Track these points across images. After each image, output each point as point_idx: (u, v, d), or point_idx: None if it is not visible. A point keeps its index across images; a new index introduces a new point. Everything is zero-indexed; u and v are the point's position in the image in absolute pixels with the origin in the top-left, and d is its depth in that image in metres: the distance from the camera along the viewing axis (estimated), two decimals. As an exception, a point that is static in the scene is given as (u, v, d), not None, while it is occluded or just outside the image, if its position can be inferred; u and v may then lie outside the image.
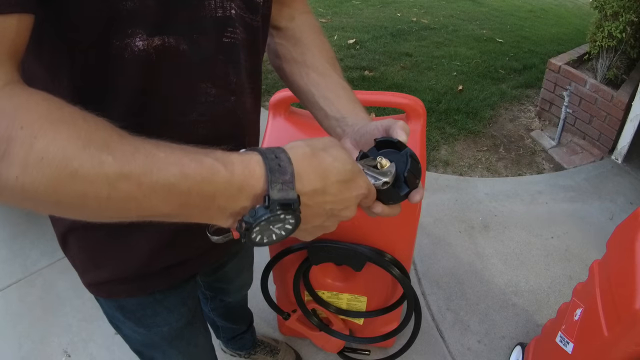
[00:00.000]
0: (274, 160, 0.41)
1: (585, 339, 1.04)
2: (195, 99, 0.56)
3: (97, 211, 0.35)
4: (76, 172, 0.32)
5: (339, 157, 0.45)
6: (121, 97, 0.51)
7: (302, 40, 0.71)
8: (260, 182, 0.40)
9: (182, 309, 0.82)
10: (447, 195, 2.35)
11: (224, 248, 0.84)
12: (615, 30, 2.55)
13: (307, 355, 1.57)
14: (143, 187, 0.34)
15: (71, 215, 0.37)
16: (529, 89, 3.44)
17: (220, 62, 0.56)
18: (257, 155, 0.42)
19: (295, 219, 0.42)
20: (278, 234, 0.44)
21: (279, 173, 0.40)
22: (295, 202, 0.41)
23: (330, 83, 0.67)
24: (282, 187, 0.40)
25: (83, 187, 0.33)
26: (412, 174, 0.53)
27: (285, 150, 0.43)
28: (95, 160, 0.33)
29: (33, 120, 0.32)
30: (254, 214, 0.40)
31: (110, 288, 0.72)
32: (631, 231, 0.95)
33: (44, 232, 2.00)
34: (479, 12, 5.39)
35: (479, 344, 1.62)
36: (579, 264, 1.95)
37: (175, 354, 0.88)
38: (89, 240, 0.67)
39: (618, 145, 2.62)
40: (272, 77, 3.42)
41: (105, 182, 0.33)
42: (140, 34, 0.47)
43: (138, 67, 0.49)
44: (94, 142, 0.33)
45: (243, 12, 0.57)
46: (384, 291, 1.27)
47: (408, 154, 0.53)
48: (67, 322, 1.67)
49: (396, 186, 0.53)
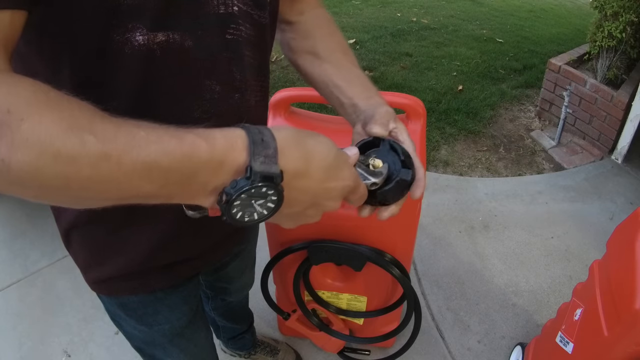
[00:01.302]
0: (257, 135, 0.41)
1: (585, 339, 1.04)
2: (199, 96, 0.56)
3: (79, 192, 0.35)
4: (59, 153, 0.32)
5: (324, 142, 0.45)
6: (122, 91, 0.51)
7: (314, 32, 0.71)
8: (243, 155, 0.40)
9: (184, 307, 0.82)
10: (447, 195, 2.35)
11: (226, 247, 0.84)
12: (615, 30, 2.55)
13: (307, 355, 1.57)
14: (124, 165, 0.34)
15: (55, 201, 0.37)
16: (529, 89, 3.44)
17: (224, 59, 0.56)
18: (240, 130, 0.41)
19: (278, 196, 0.42)
20: (259, 212, 0.42)
21: (262, 147, 0.40)
22: (278, 177, 0.40)
23: (342, 71, 0.67)
24: (264, 159, 0.40)
25: (65, 167, 0.33)
26: (401, 184, 0.52)
27: (269, 129, 0.42)
28: (77, 140, 0.33)
29: (19, 104, 0.33)
30: (235, 184, 0.40)
31: (112, 285, 0.72)
32: (631, 231, 0.95)
33: (44, 232, 2.00)
34: (479, 12, 5.39)
35: (479, 344, 1.62)
36: (579, 264, 1.95)
37: (176, 352, 0.88)
38: (91, 238, 0.67)
39: (618, 145, 2.62)
40: (272, 77, 3.42)
41: (87, 161, 0.33)
42: (141, 28, 0.47)
43: (139, 62, 0.49)
44: (77, 124, 0.34)
45: (250, 9, 0.57)
46: (384, 291, 1.27)
47: (397, 179, 0.52)
48: (67, 322, 1.67)
49: (386, 188, 0.52)
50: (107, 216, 0.62)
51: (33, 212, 2.09)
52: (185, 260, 0.74)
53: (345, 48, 0.71)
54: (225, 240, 0.80)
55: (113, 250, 0.67)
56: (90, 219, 0.64)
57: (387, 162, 0.54)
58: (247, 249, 1.05)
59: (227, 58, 0.57)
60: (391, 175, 0.53)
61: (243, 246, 1.01)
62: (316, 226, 1.11)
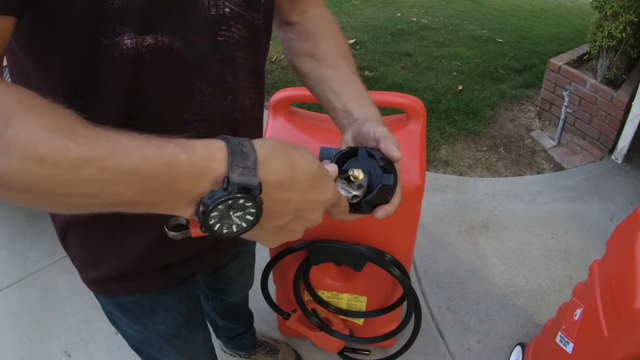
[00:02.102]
0: (237, 146, 0.41)
1: (585, 339, 1.04)
2: (190, 98, 0.56)
3: (63, 198, 0.36)
4: (42, 158, 0.34)
5: (306, 155, 0.45)
6: (113, 95, 0.51)
7: (314, 33, 0.70)
8: (222, 166, 0.40)
9: (180, 308, 0.82)
10: (447, 195, 2.35)
11: (224, 249, 0.84)
12: (615, 30, 2.55)
13: (307, 355, 1.57)
14: (105, 171, 0.35)
15: (44, 206, 0.38)
16: (529, 89, 3.44)
17: (215, 61, 0.56)
18: (221, 141, 0.41)
19: (256, 209, 0.41)
20: (238, 225, 0.42)
21: (241, 158, 0.40)
22: (257, 189, 0.40)
23: (339, 75, 0.66)
24: (243, 171, 0.40)
25: (49, 171, 0.34)
26: (370, 203, 0.52)
27: (250, 140, 0.42)
28: (60, 146, 0.34)
29: (5, 110, 0.34)
30: (212, 195, 0.40)
31: (107, 285, 0.72)
32: (631, 231, 0.95)
33: (44, 232, 2.00)
34: (479, 12, 5.39)
35: (479, 344, 1.62)
36: (579, 264, 1.95)
37: (173, 353, 0.88)
38: (87, 237, 0.67)
39: (618, 145, 2.62)
40: (272, 77, 3.42)
41: (69, 166, 0.34)
42: (129, 32, 0.48)
43: (128, 65, 0.49)
44: (60, 130, 0.35)
45: (243, 10, 0.57)
46: (384, 291, 1.27)
47: (379, 186, 0.52)
48: (67, 322, 1.67)
49: (369, 197, 0.52)
50: (102, 216, 0.62)
51: (33, 212, 2.09)
52: (181, 261, 0.74)
53: (345, 52, 0.70)
54: (222, 242, 0.79)
55: (109, 250, 0.67)
56: (86, 219, 0.64)
57: (366, 171, 0.53)
58: (246, 250, 1.05)
59: (218, 60, 0.56)
60: (373, 182, 0.53)
61: (242, 247, 1.01)
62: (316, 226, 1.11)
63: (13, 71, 0.54)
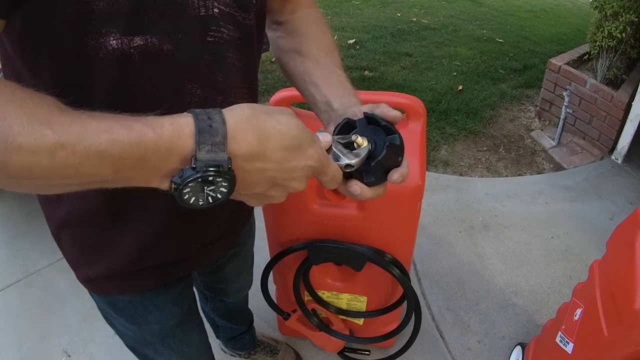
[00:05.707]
0: (205, 122, 0.40)
1: (585, 339, 1.04)
2: (179, 99, 0.56)
3: (43, 181, 0.38)
4: (21, 146, 0.35)
5: (284, 121, 0.44)
6: (100, 95, 0.52)
7: (301, 30, 0.70)
8: (189, 143, 0.40)
9: (173, 308, 0.82)
10: (447, 195, 2.35)
11: (218, 250, 0.84)
12: (615, 31, 2.55)
13: (307, 355, 1.57)
14: (77, 154, 0.37)
15: (24, 189, 0.40)
16: (529, 89, 3.44)
17: (205, 61, 0.56)
18: (189, 116, 0.41)
19: (228, 183, 0.42)
20: (213, 197, 0.43)
21: (209, 134, 0.40)
22: (225, 165, 0.40)
23: (322, 69, 0.65)
24: (211, 148, 0.40)
25: (28, 158, 0.36)
26: (381, 165, 0.49)
27: (221, 112, 0.42)
28: (37, 134, 0.36)
29: None
30: (182, 174, 0.40)
31: (101, 284, 0.72)
32: (631, 231, 0.95)
33: (44, 232, 1.98)
34: (479, 12, 5.39)
35: (479, 344, 1.62)
36: (579, 264, 1.95)
37: (167, 352, 0.88)
38: (80, 236, 0.67)
39: (618, 145, 2.62)
40: (272, 77, 3.42)
41: (46, 152, 0.36)
42: (114, 33, 0.48)
43: (114, 66, 0.50)
44: (36, 118, 0.36)
45: (233, 10, 0.57)
46: (384, 291, 1.27)
47: (386, 145, 0.49)
48: (67, 322, 1.67)
49: (364, 171, 0.49)
50: (95, 216, 0.63)
51: (33, 212, 2.09)
52: (174, 261, 0.74)
53: (330, 48, 0.69)
54: (216, 242, 0.79)
55: (101, 249, 0.68)
56: (79, 219, 0.64)
57: (370, 139, 0.50)
58: (243, 251, 1.05)
59: (208, 61, 0.56)
60: (378, 145, 0.50)
61: (239, 248, 1.01)
62: (316, 226, 1.11)
63: (6, 71, 0.55)
